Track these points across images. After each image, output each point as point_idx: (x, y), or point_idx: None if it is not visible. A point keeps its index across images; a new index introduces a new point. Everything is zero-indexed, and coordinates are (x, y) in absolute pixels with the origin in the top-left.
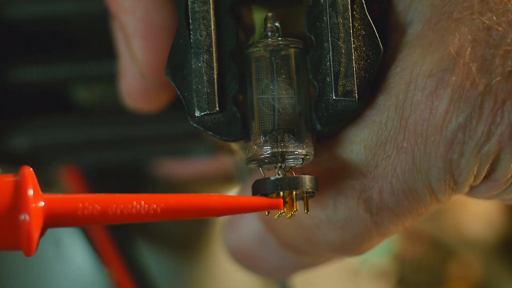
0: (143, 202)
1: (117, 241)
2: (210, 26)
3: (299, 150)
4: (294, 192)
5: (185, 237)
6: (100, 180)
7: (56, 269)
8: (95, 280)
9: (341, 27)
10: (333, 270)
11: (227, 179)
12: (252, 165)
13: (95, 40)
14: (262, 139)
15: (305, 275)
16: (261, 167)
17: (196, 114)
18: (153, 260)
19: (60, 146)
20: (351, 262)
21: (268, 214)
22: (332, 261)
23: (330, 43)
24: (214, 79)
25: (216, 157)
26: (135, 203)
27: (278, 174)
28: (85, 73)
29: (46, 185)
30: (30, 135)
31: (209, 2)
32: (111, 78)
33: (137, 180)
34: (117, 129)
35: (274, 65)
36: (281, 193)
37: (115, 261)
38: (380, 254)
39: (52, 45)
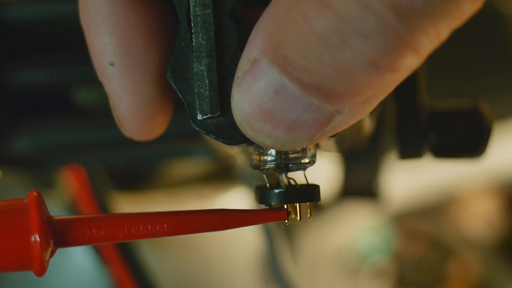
0: (151, 221)
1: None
2: (212, 30)
3: (302, 160)
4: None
5: (185, 237)
6: (102, 181)
7: (56, 269)
8: (95, 279)
9: None
10: (333, 269)
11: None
12: (255, 171)
13: None
14: (265, 149)
15: (305, 275)
16: (264, 174)
17: (198, 118)
18: (153, 260)
19: (61, 148)
20: (351, 261)
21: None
22: (361, 113)
23: None
24: (215, 82)
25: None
26: (143, 223)
27: (282, 183)
28: (86, 75)
29: (48, 187)
30: (31, 137)
31: (210, 6)
32: None
33: (138, 181)
34: (118, 130)
35: None
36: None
37: (116, 260)
38: (379, 253)
39: (53, 47)
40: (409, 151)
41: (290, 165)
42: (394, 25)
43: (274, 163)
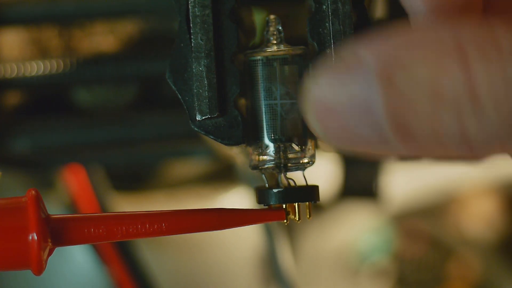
0: (149, 220)
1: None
2: (211, 30)
3: (301, 160)
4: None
5: (185, 236)
6: (102, 181)
7: (56, 269)
8: (95, 279)
9: (343, 34)
10: (333, 269)
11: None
12: (254, 171)
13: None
14: (264, 148)
15: (305, 274)
16: (263, 174)
17: (197, 118)
18: (153, 260)
19: (61, 148)
20: (351, 261)
21: None
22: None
23: (332, 49)
24: (214, 83)
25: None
26: (141, 222)
27: (281, 183)
28: (85, 75)
29: (48, 187)
30: (31, 137)
31: (210, 6)
32: (111, 80)
33: (137, 181)
34: (118, 130)
35: (277, 72)
36: (284, 205)
37: (115, 260)
38: (379, 253)
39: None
40: None
41: (289, 165)
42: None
43: (273, 163)
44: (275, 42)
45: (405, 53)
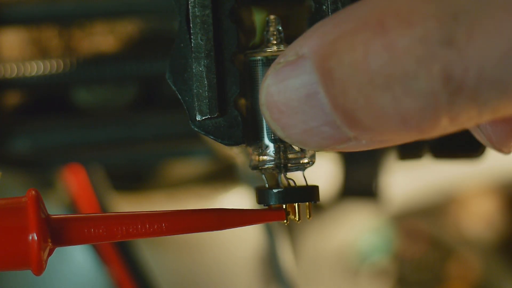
0: (149, 220)
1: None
2: (211, 30)
3: (301, 160)
4: (296, 203)
5: (185, 236)
6: (102, 181)
7: (56, 269)
8: (95, 279)
9: None
10: (333, 269)
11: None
12: (254, 171)
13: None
14: (264, 148)
15: (305, 274)
16: (263, 175)
17: (197, 118)
18: (153, 260)
19: (61, 148)
20: (351, 261)
21: None
22: (375, 146)
23: None
24: (214, 83)
25: (216, 158)
26: (141, 222)
27: (281, 183)
28: (85, 75)
29: (48, 187)
30: (31, 137)
31: (210, 6)
32: (111, 80)
33: (137, 181)
34: (118, 130)
35: None
36: (284, 205)
37: (115, 260)
38: (379, 253)
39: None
40: (409, 151)
41: (289, 165)
42: (440, 95)
43: (273, 163)
44: (275, 42)
45: (336, 39)
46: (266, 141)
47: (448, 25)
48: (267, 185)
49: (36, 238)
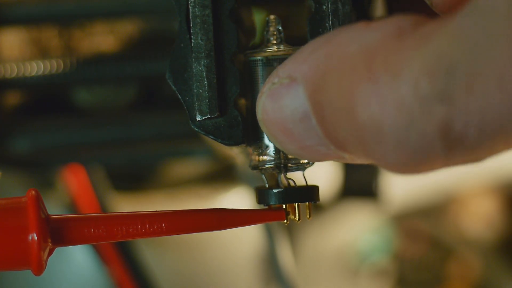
0: (149, 220)
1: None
2: (211, 31)
3: (301, 160)
4: (296, 203)
5: (185, 236)
6: (102, 181)
7: (56, 269)
8: (95, 279)
9: None
10: (333, 269)
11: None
12: (254, 171)
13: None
14: (264, 148)
15: (305, 274)
16: (263, 175)
17: (197, 118)
18: (153, 260)
19: (61, 148)
20: (351, 261)
21: None
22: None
23: None
24: (215, 83)
25: (216, 158)
26: (141, 222)
27: (281, 183)
28: (85, 75)
29: (48, 187)
30: (31, 137)
31: (210, 6)
32: (111, 80)
33: (137, 181)
34: (118, 130)
35: None
36: (284, 205)
37: (115, 260)
38: (379, 253)
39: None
40: None
41: (289, 165)
42: (436, 148)
43: (273, 163)
44: (275, 42)
45: (326, 74)
46: (266, 141)
47: (442, 80)
48: (267, 185)
49: (36, 238)
